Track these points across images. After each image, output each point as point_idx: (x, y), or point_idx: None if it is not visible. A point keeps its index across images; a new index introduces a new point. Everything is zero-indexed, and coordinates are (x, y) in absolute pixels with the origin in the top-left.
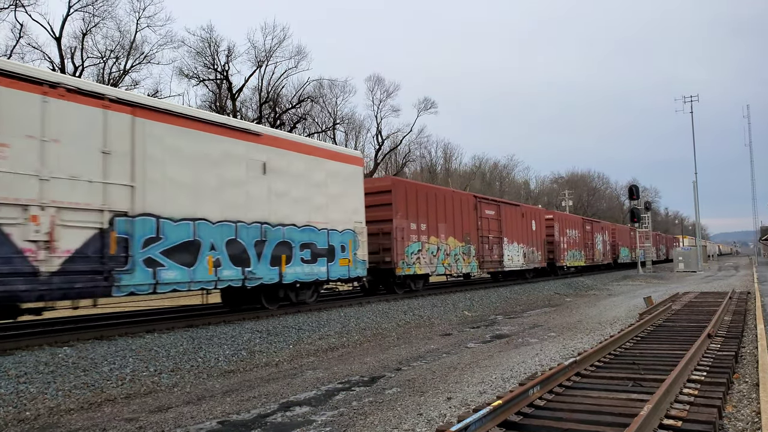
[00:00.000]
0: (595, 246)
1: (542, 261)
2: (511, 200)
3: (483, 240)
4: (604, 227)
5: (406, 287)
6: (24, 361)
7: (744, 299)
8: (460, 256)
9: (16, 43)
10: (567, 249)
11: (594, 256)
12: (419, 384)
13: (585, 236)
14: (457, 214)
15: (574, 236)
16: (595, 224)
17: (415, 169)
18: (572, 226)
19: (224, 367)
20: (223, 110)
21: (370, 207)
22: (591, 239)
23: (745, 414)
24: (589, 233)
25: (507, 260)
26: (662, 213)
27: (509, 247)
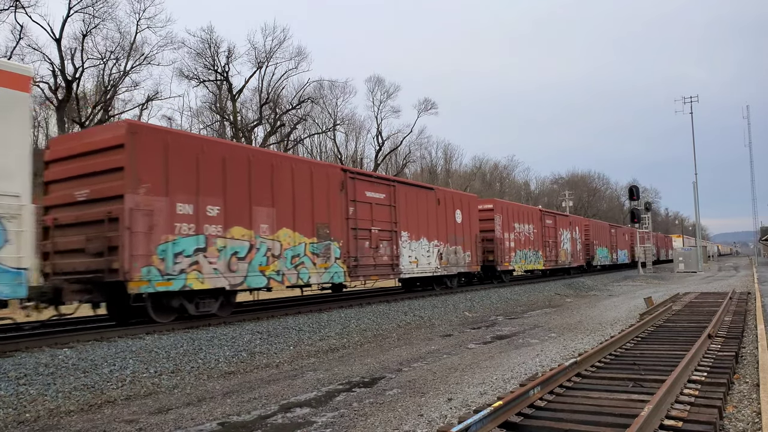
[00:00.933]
0: (560, 245)
1: (474, 264)
2: (426, 183)
3: (357, 234)
4: (574, 222)
5: (172, 313)
6: (24, 362)
7: (744, 299)
8: (308, 257)
9: (16, 44)
10: (515, 248)
11: (558, 258)
12: (420, 385)
13: (544, 233)
14: (302, 195)
15: (528, 232)
16: (560, 218)
17: (416, 170)
18: (524, 219)
19: (224, 369)
20: (223, 111)
21: (84, 177)
22: (553, 236)
23: (745, 414)
24: (551, 229)
25: (406, 263)
26: (662, 213)
27: (411, 246)
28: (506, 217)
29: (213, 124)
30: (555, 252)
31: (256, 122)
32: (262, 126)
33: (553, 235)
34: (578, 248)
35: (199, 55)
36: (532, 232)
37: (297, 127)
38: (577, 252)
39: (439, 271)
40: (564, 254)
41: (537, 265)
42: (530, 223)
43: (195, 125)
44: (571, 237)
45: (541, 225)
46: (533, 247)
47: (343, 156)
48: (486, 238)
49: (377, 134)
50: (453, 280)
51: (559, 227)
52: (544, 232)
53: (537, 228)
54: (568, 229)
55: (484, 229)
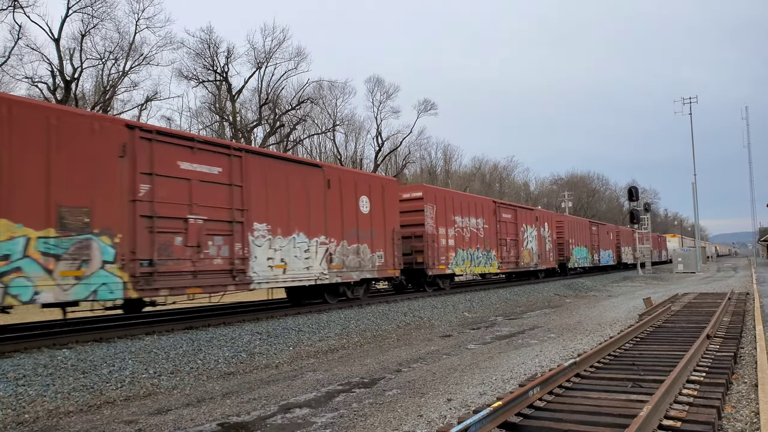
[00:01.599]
0: (522, 244)
1: (390, 267)
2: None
3: (156, 225)
4: (543, 217)
5: None
6: (23, 363)
7: (743, 300)
8: (33, 261)
9: (14, 44)
10: (456, 247)
11: (519, 259)
12: (419, 385)
13: (500, 229)
14: (27, 160)
15: (476, 227)
16: (523, 212)
17: (415, 171)
18: (470, 212)
19: (224, 369)
20: (222, 111)
21: None
22: (513, 233)
23: (744, 414)
24: (510, 224)
25: (263, 268)
26: (661, 214)
27: (275, 243)
28: (442, 209)
29: (212, 124)
30: (515, 252)
31: (256, 123)
32: (261, 126)
33: (512, 232)
34: (548, 248)
35: (199, 56)
36: (482, 228)
37: (296, 127)
38: (546, 252)
39: (327, 277)
40: (528, 255)
41: (488, 268)
42: (479, 217)
43: (194, 125)
44: (539, 235)
45: (495, 220)
46: (484, 246)
47: (343, 156)
48: (414, 234)
49: (377, 135)
50: (356, 289)
51: (522, 223)
52: (500, 229)
53: (490, 223)
54: (534, 225)
55: (411, 222)
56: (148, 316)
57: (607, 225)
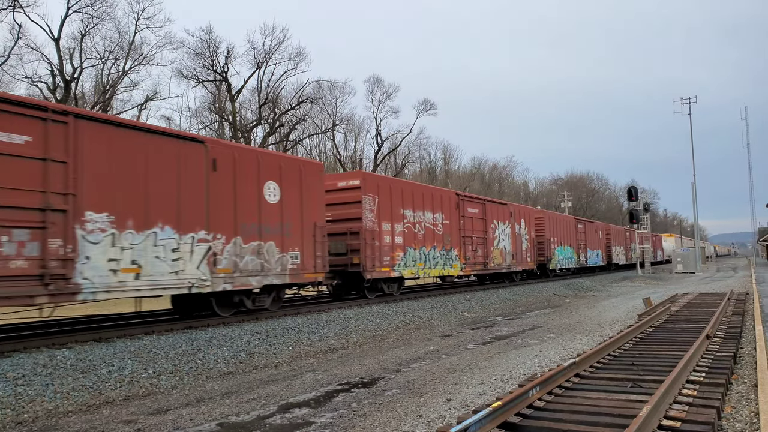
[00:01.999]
0: (493, 242)
1: (311, 269)
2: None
3: None
4: (519, 213)
5: None
6: (22, 363)
7: (742, 300)
8: None
9: (14, 44)
10: (405, 246)
11: (489, 259)
12: (419, 385)
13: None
14: None
15: (432, 223)
16: (493, 207)
17: (415, 171)
18: (424, 205)
19: (223, 369)
20: (222, 111)
21: None
22: (481, 230)
23: (743, 415)
24: (477, 220)
25: (99, 273)
26: (661, 214)
27: (121, 239)
28: (387, 201)
29: (212, 124)
30: (484, 251)
31: (255, 122)
32: (261, 126)
33: (480, 229)
34: (524, 247)
35: (198, 55)
36: (440, 224)
37: (296, 127)
38: (522, 252)
39: (208, 284)
40: (500, 255)
41: (449, 270)
42: (438, 211)
43: (194, 125)
44: (513, 232)
45: (458, 215)
46: (443, 244)
47: (342, 156)
48: (351, 230)
49: (376, 135)
50: (261, 298)
51: (492, 219)
52: (465, 225)
53: (451, 218)
54: (508, 221)
55: (346, 216)
56: (148, 316)
57: (595, 223)
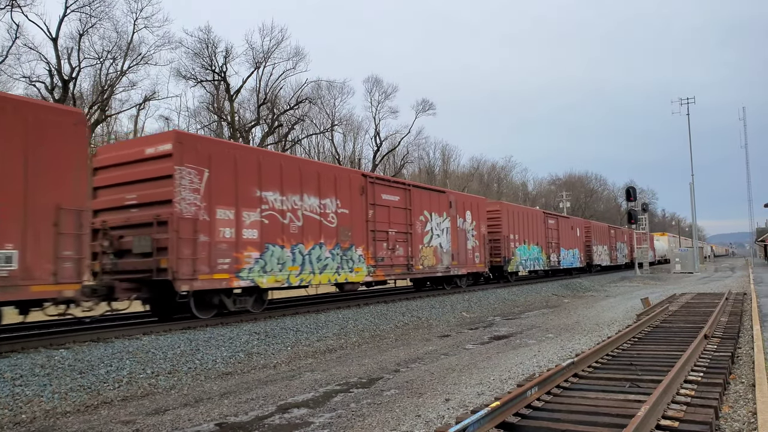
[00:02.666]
0: (423, 240)
1: (44, 278)
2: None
3: None
4: (464, 203)
5: None
6: (20, 363)
7: (740, 300)
8: None
9: (12, 43)
10: (261, 242)
11: (416, 260)
12: (417, 385)
13: (378, 216)
14: None
15: (318, 212)
16: (424, 195)
17: (414, 171)
18: (303, 186)
19: (222, 369)
20: (221, 111)
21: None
22: (404, 224)
23: (741, 414)
24: (398, 211)
25: None
26: (659, 215)
27: None
28: (228, 177)
29: (210, 124)
30: (407, 251)
31: (254, 122)
32: (259, 126)
33: (401, 222)
34: (471, 245)
35: (197, 55)
36: (333, 214)
37: (295, 127)
38: (467, 251)
39: None
40: (433, 255)
41: (347, 275)
42: (329, 196)
43: (192, 125)
44: (454, 227)
45: (364, 202)
46: (337, 240)
47: (341, 156)
48: (158, 218)
49: (375, 135)
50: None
51: (422, 209)
52: (376, 216)
53: (354, 206)
54: (447, 213)
55: (152, 199)
56: (147, 316)
57: (571, 218)
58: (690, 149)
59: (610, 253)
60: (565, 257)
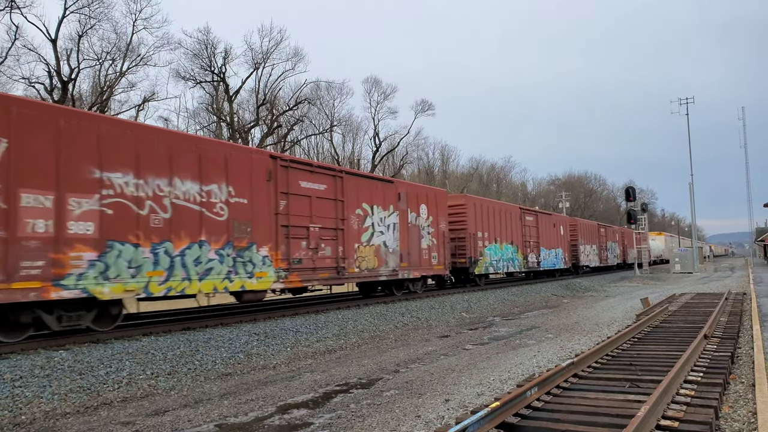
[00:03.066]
0: (350, 236)
1: None
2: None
3: None
4: (412, 193)
5: None
6: (19, 364)
7: (740, 300)
8: None
9: (11, 44)
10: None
11: (340, 261)
12: (417, 386)
13: (256, 202)
14: None
15: (168, 195)
16: (353, 181)
17: (413, 171)
18: (144, 163)
19: (221, 370)
20: (220, 112)
21: None
22: (324, 216)
23: (741, 414)
24: (305, 201)
25: None
26: (659, 215)
27: None
28: (35, 151)
29: (210, 125)
30: (336, 250)
31: (253, 123)
32: (258, 127)
33: (329, 215)
34: (426, 245)
35: (196, 56)
36: (223, 203)
37: (294, 128)
38: (420, 251)
39: None
40: (374, 255)
41: (245, 281)
42: (218, 181)
43: (192, 126)
44: (403, 223)
45: (272, 190)
46: (228, 237)
47: (340, 157)
48: None
49: (374, 135)
50: None
51: (358, 201)
52: (291, 207)
53: (257, 195)
54: (394, 206)
55: None
56: (146, 317)
57: (554, 215)
58: (689, 150)
59: (600, 253)
60: (546, 257)
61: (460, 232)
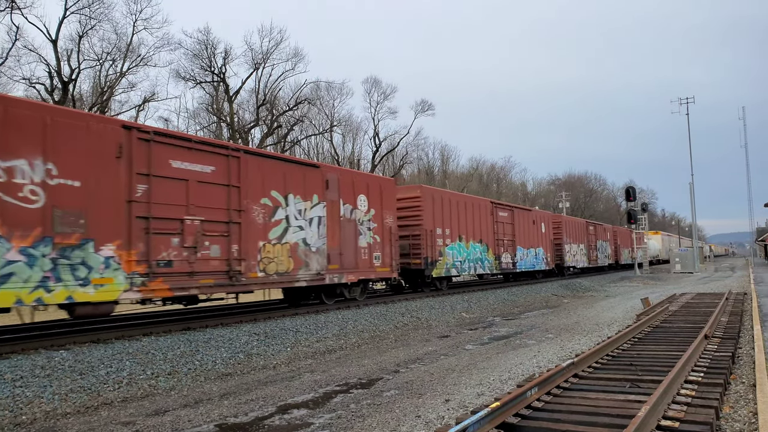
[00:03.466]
0: (193, 230)
1: None
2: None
3: None
4: (353, 185)
5: None
6: (20, 364)
7: (740, 300)
8: None
9: (12, 45)
10: None
11: (226, 266)
12: (417, 386)
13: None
14: None
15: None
16: (176, 148)
17: (413, 171)
18: None
19: (221, 370)
20: (220, 112)
21: None
22: (203, 204)
23: (742, 415)
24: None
25: None
26: (659, 215)
27: None
28: None
29: (210, 125)
30: (227, 248)
31: (253, 123)
32: (258, 127)
33: (218, 206)
34: (365, 243)
35: (196, 57)
36: (39, 187)
37: (294, 128)
38: (358, 251)
39: None
40: (290, 256)
41: (73, 291)
42: (29, 157)
43: (192, 126)
44: (334, 217)
45: (121, 171)
46: (43, 233)
47: (340, 157)
48: None
49: (374, 135)
50: None
51: (265, 188)
52: (153, 193)
53: (96, 176)
54: (320, 196)
55: None
56: (146, 317)
57: (534, 211)
58: (690, 150)
59: (589, 252)
60: (524, 258)
61: (414, 229)
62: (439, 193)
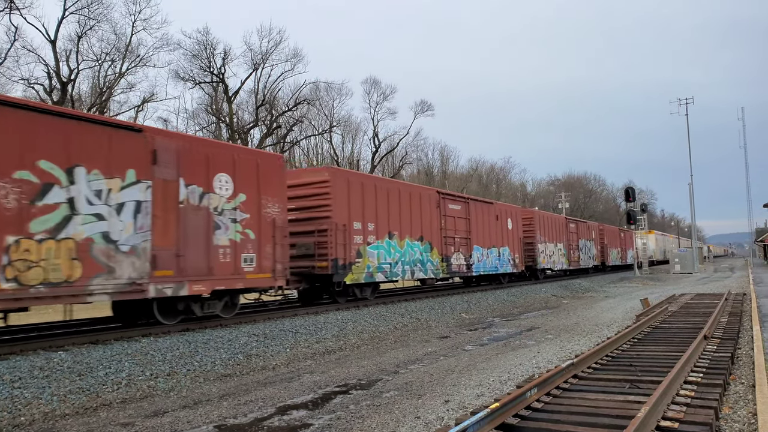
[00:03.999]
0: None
1: None
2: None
3: None
4: (228, 161)
5: None
6: (18, 365)
7: (740, 301)
8: None
9: (11, 45)
10: None
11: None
12: (417, 387)
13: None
14: None
15: None
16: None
17: (412, 172)
18: None
19: (221, 371)
20: (219, 113)
21: None
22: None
23: (741, 415)
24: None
25: None
26: (658, 215)
27: None
28: None
29: (209, 125)
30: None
31: (252, 124)
32: (258, 128)
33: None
34: (228, 241)
35: (195, 57)
36: None
37: (293, 128)
38: (213, 252)
39: None
40: (67, 257)
41: None
42: None
43: (191, 127)
44: (165, 201)
45: None
46: None
47: (340, 157)
48: None
49: (374, 136)
50: None
51: (31, 159)
52: None
53: None
54: (135, 175)
55: None
56: None
57: (497, 204)
58: (689, 150)
59: (569, 253)
60: (483, 259)
61: (319, 222)
62: (358, 177)
